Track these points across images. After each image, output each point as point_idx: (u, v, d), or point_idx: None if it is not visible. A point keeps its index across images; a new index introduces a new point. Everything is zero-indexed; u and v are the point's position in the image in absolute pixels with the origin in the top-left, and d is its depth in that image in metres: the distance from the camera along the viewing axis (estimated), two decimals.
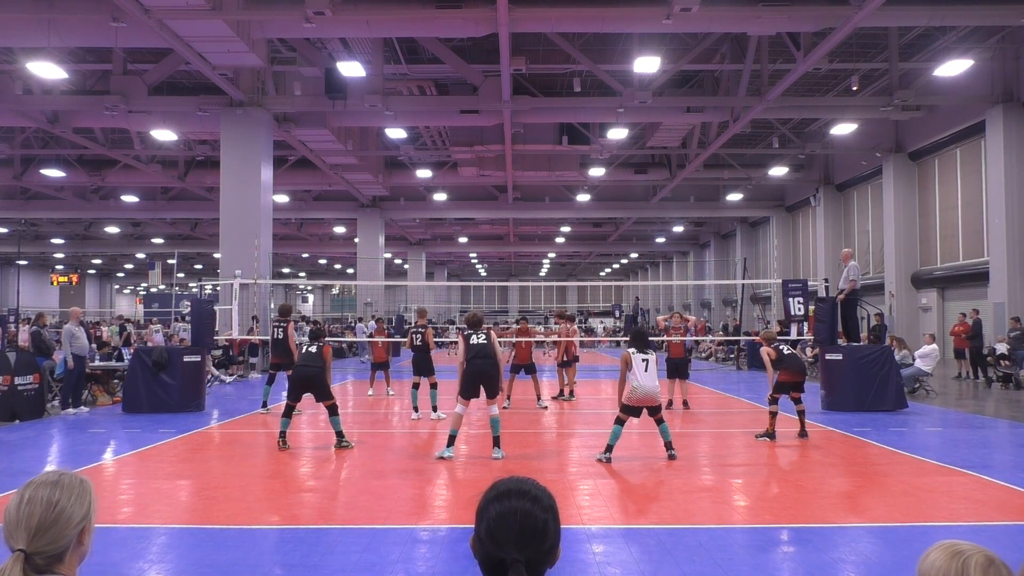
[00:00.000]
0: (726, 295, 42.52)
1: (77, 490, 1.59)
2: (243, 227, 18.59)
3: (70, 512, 1.55)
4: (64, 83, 18.90)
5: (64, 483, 1.58)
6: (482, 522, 1.48)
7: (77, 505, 1.57)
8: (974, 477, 6.98)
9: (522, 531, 1.44)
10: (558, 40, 16.80)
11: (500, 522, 1.45)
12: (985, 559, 1.35)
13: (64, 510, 1.54)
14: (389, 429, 10.67)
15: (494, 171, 26.15)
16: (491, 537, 1.45)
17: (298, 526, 5.49)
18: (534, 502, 1.49)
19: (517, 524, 1.44)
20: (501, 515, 1.46)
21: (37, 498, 1.54)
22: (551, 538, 1.48)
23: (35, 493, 1.55)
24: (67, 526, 1.54)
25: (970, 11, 14.48)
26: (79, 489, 1.59)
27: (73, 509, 1.55)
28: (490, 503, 1.49)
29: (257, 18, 14.10)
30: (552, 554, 1.49)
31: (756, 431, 9.65)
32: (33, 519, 1.51)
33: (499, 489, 1.51)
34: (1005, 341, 16.25)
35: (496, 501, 1.49)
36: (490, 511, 1.47)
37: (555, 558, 1.50)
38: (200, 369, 12.60)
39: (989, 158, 19.71)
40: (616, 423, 7.90)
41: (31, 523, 1.51)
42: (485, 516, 1.48)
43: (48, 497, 1.54)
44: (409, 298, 45.23)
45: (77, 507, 1.56)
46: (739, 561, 4.66)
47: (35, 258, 54.12)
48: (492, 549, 1.44)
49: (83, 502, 1.58)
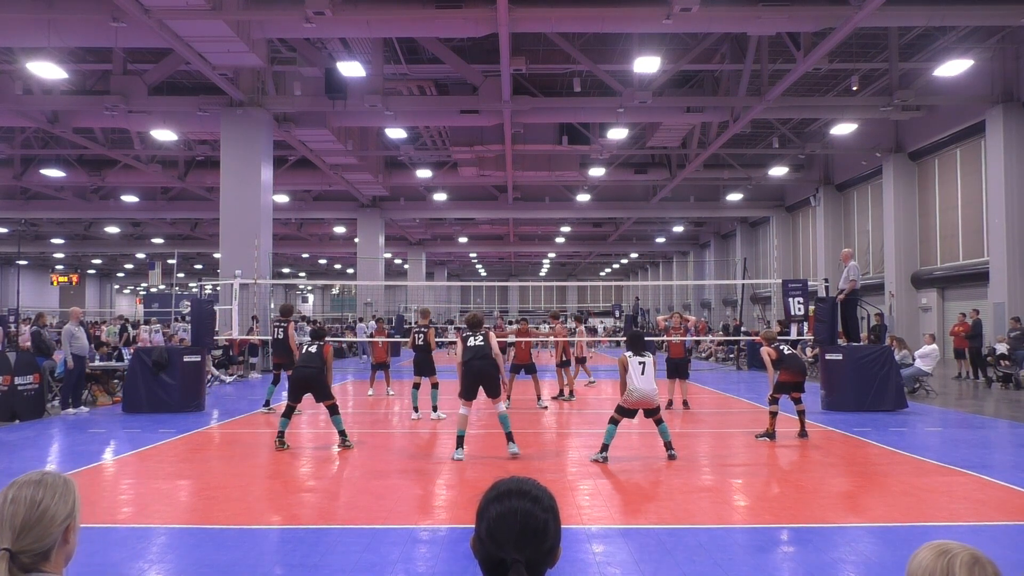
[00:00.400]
0: (726, 295, 42.52)
1: (60, 489, 1.60)
2: (243, 227, 18.60)
3: (54, 511, 1.56)
4: (64, 83, 18.91)
5: (47, 482, 1.59)
6: (482, 522, 1.47)
7: (61, 504, 1.58)
8: (974, 477, 6.98)
9: (522, 531, 1.43)
10: (558, 40, 16.81)
11: (500, 522, 1.44)
12: (971, 557, 1.36)
13: (48, 508, 1.55)
14: (389, 429, 10.67)
15: (494, 171, 26.15)
16: (491, 537, 1.44)
17: (298, 526, 5.49)
18: (534, 502, 1.48)
19: (517, 524, 1.44)
20: (501, 515, 1.45)
21: (21, 497, 1.55)
22: (551, 538, 1.48)
23: (19, 493, 1.56)
24: (51, 524, 1.55)
25: (970, 11, 14.48)
26: (62, 488, 1.60)
27: (57, 508, 1.57)
28: (490, 503, 1.49)
29: (257, 18, 14.11)
30: (552, 554, 1.48)
31: (756, 431, 9.65)
32: (17, 518, 1.52)
33: (499, 489, 1.51)
34: (1005, 341, 16.25)
35: (496, 501, 1.48)
36: (490, 511, 1.47)
37: (555, 558, 1.49)
38: (200, 369, 12.60)
39: (989, 158, 19.71)
40: (610, 422, 7.93)
41: (15, 522, 1.52)
42: (485, 516, 1.47)
43: (32, 496, 1.55)
44: (409, 298, 45.25)
45: (61, 506, 1.58)
46: (739, 561, 4.66)
47: (35, 258, 54.11)
48: (492, 549, 1.43)
49: (67, 501, 1.60)
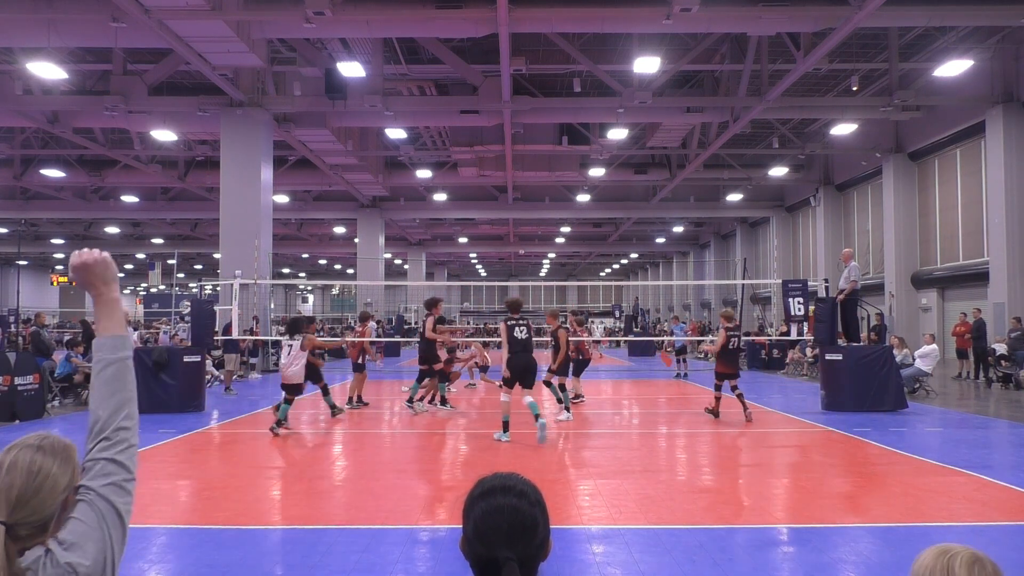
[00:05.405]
0: (726, 295, 42.50)
1: (61, 455, 1.46)
2: (243, 227, 18.59)
3: (54, 479, 1.42)
4: (64, 83, 18.90)
5: (46, 447, 1.45)
6: (469, 522, 1.43)
7: (61, 472, 1.44)
8: (974, 477, 6.98)
9: (511, 528, 1.39)
10: (558, 40, 16.80)
11: (487, 521, 1.41)
12: (971, 556, 1.37)
13: (48, 477, 1.42)
14: (389, 429, 10.67)
15: (494, 171, 26.15)
16: (479, 537, 1.40)
17: (298, 526, 5.49)
18: (520, 497, 1.43)
19: (505, 522, 1.40)
20: (487, 513, 1.41)
21: (18, 465, 1.41)
22: (541, 532, 1.43)
23: (17, 458, 1.42)
24: (51, 494, 1.41)
25: (970, 11, 14.48)
26: (63, 454, 1.46)
27: (57, 476, 1.43)
28: (475, 502, 1.45)
29: (257, 18, 14.10)
30: (544, 548, 1.44)
31: (755, 430, 9.66)
32: (14, 489, 1.38)
33: (483, 487, 1.47)
34: (1004, 341, 16.24)
35: (481, 499, 1.44)
36: (476, 510, 1.43)
37: (547, 551, 1.45)
38: (200, 369, 12.61)
39: (989, 158, 19.71)
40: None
41: (11, 494, 1.38)
42: (471, 516, 1.43)
43: (30, 464, 1.41)
44: (409, 298, 45.23)
45: (61, 474, 1.44)
46: (739, 561, 4.66)
47: (35, 258, 54.12)
48: (481, 549, 1.40)
49: (67, 468, 1.46)
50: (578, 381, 13.49)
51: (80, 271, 1.60)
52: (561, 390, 11.29)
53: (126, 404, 1.56)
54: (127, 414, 1.55)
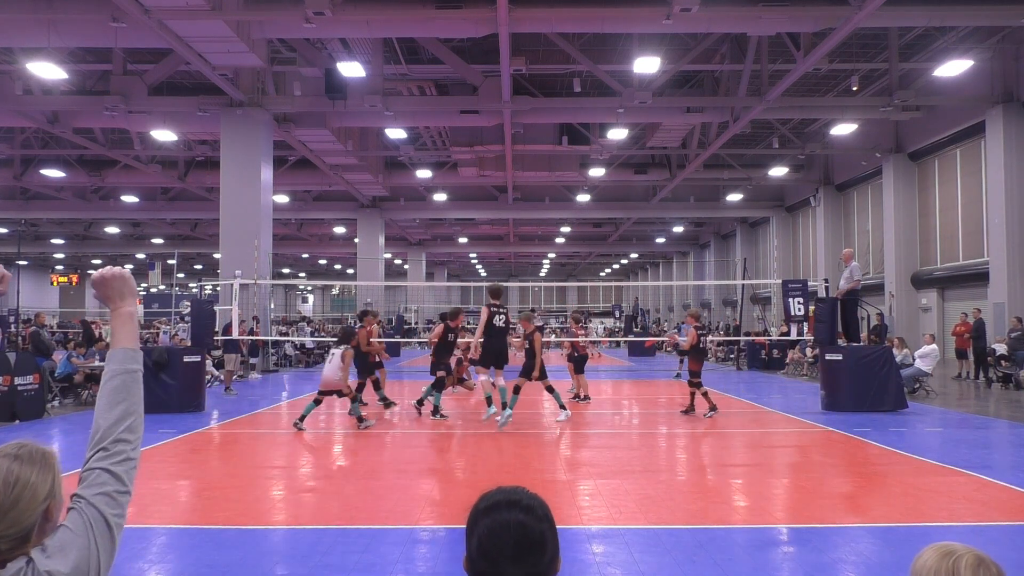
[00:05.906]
0: (726, 295, 42.51)
1: (40, 464, 1.40)
2: (243, 227, 18.59)
3: (32, 489, 1.36)
4: (64, 83, 18.90)
5: (24, 456, 1.39)
6: (472, 539, 1.35)
7: (40, 481, 1.38)
8: (974, 477, 6.98)
9: (518, 545, 1.32)
10: (558, 40, 16.80)
11: (492, 538, 1.33)
12: (975, 559, 1.36)
13: (27, 487, 1.36)
14: (389, 429, 10.67)
15: (494, 171, 26.15)
16: (484, 555, 1.33)
17: (298, 526, 5.49)
18: (527, 512, 1.36)
19: (511, 539, 1.32)
20: (492, 530, 1.33)
21: None
22: (550, 549, 1.36)
23: None
24: (30, 505, 1.36)
25: (970, 11, 14.48)
26: (41, 462, 1.41)
27: (36, 486, 1.37)
28: (478, 518, 1.37)
29: (257, 18, 14.11)
30: (553, 566, 1.37)
31: (756, 430, 9.66)
32: None
33: (487, 502, 1.39)
34: (1004, 341, 16.23)
35: (485, 515, 1.36)
36: (479, 527, 1.35)
37: (557, 568, 1.39)
38: (200, 369, 12.60)
39: (989, 158, 19.71)
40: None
41: None
42: (475, 533, 1.35)
43: (6, 475, 1.35)
44: (409, 298, 45.23)
45: (40, 483, 1.38)
46: (739, 561, 4.66)
47: (35, 258, 54.13)
48: (485, 567, 1.32)
49: (47, 477, 1.40)
50: (583, 379, 13.43)
51: (99, 285, 1.66)
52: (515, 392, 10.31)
53: (128, 416, 1.55)
54: (128, 426, 1.54)
